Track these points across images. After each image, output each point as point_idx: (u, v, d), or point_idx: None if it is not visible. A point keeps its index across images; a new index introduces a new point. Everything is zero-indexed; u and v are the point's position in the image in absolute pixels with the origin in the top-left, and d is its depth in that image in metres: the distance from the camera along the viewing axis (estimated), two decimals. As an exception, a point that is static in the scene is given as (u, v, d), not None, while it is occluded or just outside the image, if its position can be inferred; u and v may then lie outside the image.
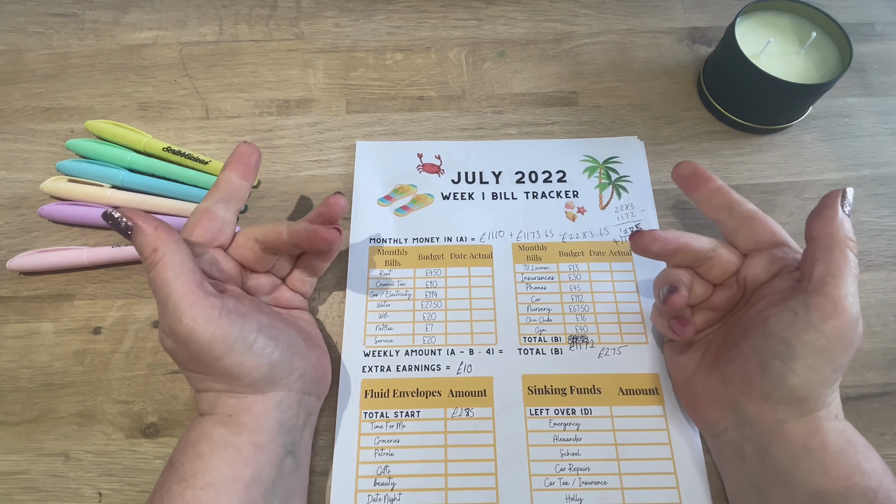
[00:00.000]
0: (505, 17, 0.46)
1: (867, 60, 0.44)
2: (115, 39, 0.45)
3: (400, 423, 0.31)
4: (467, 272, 0.35)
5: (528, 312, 0.34)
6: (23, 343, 0.34)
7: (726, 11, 0.46)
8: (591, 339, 0.33)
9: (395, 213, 0.38)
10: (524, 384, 0.32)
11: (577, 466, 0.30)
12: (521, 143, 0.40)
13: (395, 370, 0.32)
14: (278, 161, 0.39)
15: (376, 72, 0.43)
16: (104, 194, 0.37)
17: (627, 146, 0.40)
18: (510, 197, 0.38)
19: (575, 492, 0.29)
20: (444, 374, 0.32)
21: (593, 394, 0.32)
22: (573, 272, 0.35)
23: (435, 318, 0.34)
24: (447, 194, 0.38)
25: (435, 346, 0.33)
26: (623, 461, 0.30)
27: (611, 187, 0.38)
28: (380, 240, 0.36)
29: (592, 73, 0.43)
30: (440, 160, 0.39)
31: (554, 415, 0.31)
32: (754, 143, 0.40)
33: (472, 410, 0.31)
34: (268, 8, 0.46)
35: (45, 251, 0.35)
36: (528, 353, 0.33)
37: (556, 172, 0.39)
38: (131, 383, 0.33)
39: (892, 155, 0.40)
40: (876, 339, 0.34)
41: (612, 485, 0.29)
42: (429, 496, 0.29)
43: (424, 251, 0.36)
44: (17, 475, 0.31)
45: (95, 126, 0.39)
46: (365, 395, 0.32)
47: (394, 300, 0.34)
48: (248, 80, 0.43)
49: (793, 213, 0.37)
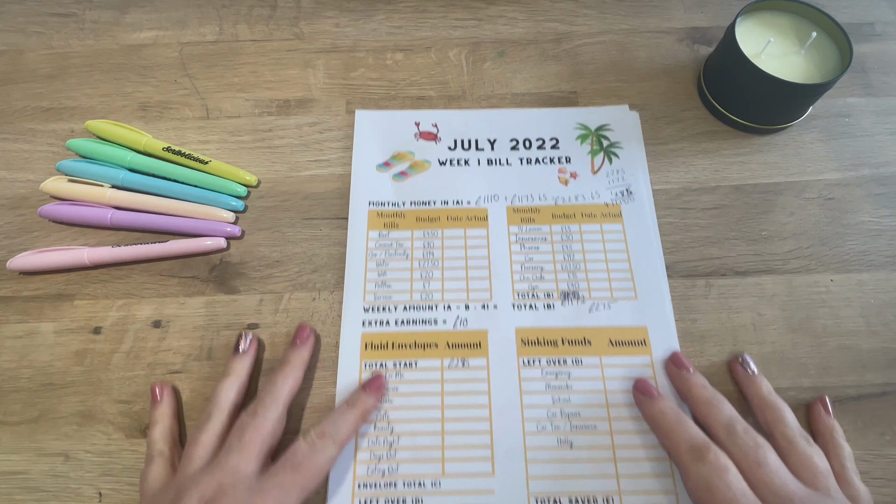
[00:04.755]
0: (505, 17, 0.46)
1: (867, 60, 0.44)
2: (115, 39, 0.45)
3: (399, 373, 0.33)
4: (463, 233, 0.37)
5: (521, 271, 0.36)
6: (23, 343, 0.34)
7: (726, 11, 0.46)
8: (583, 294, 0.35)
9: (394, 178, 0.39)
10: (518, 337, 0.34)
11: (568, 412, 0.31)
12: (515, 112, 0.41)
13: (394, 324, 0.34)
14: (278, 161, 0.39)
15: (376, 72, 0.43)
16: (104, 194, 0.37)
17: (620, 115, 0.41)
18: (505, 163, 0.39)
19: (566, 435, 0.31)
20: (440, 328, 0.34)
21: (584, 345, 0.33)
22: (565, 233, 0.37)
23: (432, 276, 0.35)
24: (444, 160, 0.39)
25: (432, 302, 0.34)
26: (612, 406, 0.32)
27: (602, 153, 0.40)
28: (379, 203, 0.38)
29: (592, 73, 0.43)
30: (437, 128, 0.41)
31: (546, 365, 0.33)
32: (754, 143, 0.40)
33: (468, 361, 0.33)
34: (268, 8, 0.46)
35: (45, 251, 0.35)
36: (522, 308, 0.34)
37: (550, 140, 0.40)
38: (131, 383, 0.33)
39: (892, 155, 0.40)
40: (876, 339, 0.34)
41: (602, 429, 0.31)
42: (426, 440, 0.31)
43: (422, 214, 0.37)
44: (17, 475, 0.31)
45: (95, 126, 0.39)
46: (365, 347, 0.33)
47: (392, 259, 0.36)
48: (248, 80, 0.43)
49: (793, 213, 0.38)
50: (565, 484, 0.30)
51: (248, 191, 0.38)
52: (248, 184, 0.38)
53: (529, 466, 0.30)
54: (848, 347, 0.33)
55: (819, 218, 0.37)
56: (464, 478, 0.30)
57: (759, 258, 0.36)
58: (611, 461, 0.30)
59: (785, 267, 0.36)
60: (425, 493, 0.30)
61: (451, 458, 0.30)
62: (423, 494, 0.30)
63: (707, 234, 0.37)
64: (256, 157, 0.40)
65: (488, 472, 0.30)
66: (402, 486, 0.30)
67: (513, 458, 0.30)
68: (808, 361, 0.33)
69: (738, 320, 0.34)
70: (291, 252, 0.36)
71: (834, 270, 0.36)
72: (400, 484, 0.30)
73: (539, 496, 0.30)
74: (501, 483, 0.30)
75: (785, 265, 0.36)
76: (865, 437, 0.31)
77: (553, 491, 0.30)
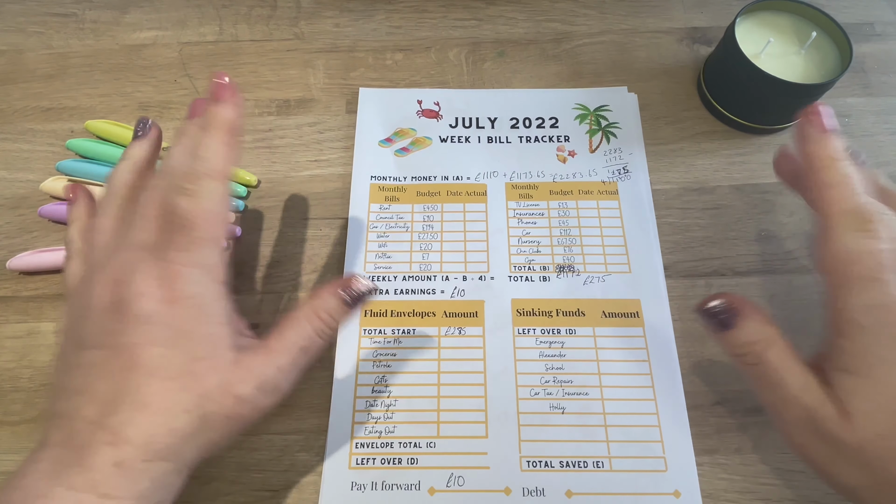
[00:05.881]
0: (505, 17, 0.46)
1: (867, 60, 0.44)
2: (115, 39, 0.45)
3: (397, 339, 0.34)
4: (462, 208, 0.38)
5: (518, 244, 0.36)
6: (23, 343, 0.34)
7: (726, 11, 0.46)
8: (578, 268, 0.36)
9: (395, 153, 0.40)
10: (513, 307, 0.34)
11: (560, 379, 0.32)
12: (516, 92, 0.42)
13: (393, 293, 0.35)
14: (278, 161, 0.39)
15: (376, 72, 0.43)
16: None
17: (619, 96, 0.42)
18: (505, 141, 0.40)
19: (558, 401, 0.32)
20: (438, 298, 0.35)
21: (578, 316, 0.34)
22: (562, 209, 0.38)
23: (431, 248, 0.36)
24: (445, 137, 0.40)
25: (430, 273, 0.36)
26: (604, 375, 0.33)
27: (600, 133, 0.40)
28: (380, 177, 0.38)
29: (592, 73, 0.43)
30: (439, 106, 0.41)
31: (540, 334, 0.34)
32: (754, 143, 0.40)
33: (465, 329, 0.34)
34: (268, 8, 0.46)
35: (45, 251, 0.35)
36: (518, 280, 0.35)
37: (549, 119, 0.41)
38: (131, 383, 0.33)
39: (892, 155, 0.40)
40: (876, 339, 0.34)
41: (594, 395, 0.32)
42: (422, 402, 0.32)
43: (422, 188, 0.38)
44: (17, 475, 0.31)
45: (95, 126, 0.39)
46: (364, 314, 0.34)
47: (392, 231, 0.37)
48: (248, 80, 0.43)
49: (793, 213, 0.38)
50: (556, 447, 0.31)
51: (248, 191, 0.38)
52: (248, 184, 0.38)
53: (522, 430, 0.31)
54: (848, 347, 0.33)
55: (819, 218, 0.37)
56: (458, 440, 0.31)
57: (759, 258, 0.36)
58: (601, 426, 0.31)
59: (785, 267, 0.36)
60: (420, 453, 0.31)
61: (447, 421, 0.31)
62: (418, 454, 0.31)
63: (707, 234, 0.37)
64: (256, 157, 0.40)
65: (482, 434, 0.31)
66: (399, 447, 0.31)
67: (506, 421, 0.31)
68: (808, 361, 0.33)
69: (738, 320, 0.34)
70: (291, 252, 0.36)
71: (834, 270, 0.36)
72: (396, 444, 0.31)
73: (531, 459, 0.30)
74: (494, 445, 0.31)
75: (785, 265, 0.36)
76: (865, 437, 0.31)
77: (544, 454, 0.31)
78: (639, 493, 0.30)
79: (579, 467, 0.30)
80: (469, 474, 0.30)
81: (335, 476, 0.30)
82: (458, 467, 0.30)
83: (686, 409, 0.32)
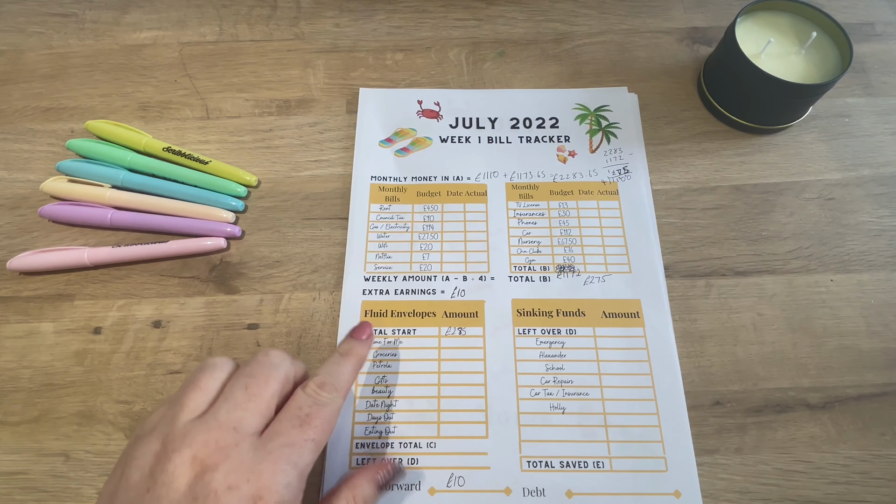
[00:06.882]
0: (505, 17, 0.46)
1: (867, 60, 0.44)
2: (115, 39, 0.45)
3: (397, 339, 0.34)
4: (462, 208, 0.38)
5: (518, 245, 0.36)
6: (23, 343, 0.34)
7: (726, 11, 0.46)
8: (578, 268, 0.36)
9: (396, 153, 0.40)
10: (513, 307, 0.34)
11: (561, 379, 0.32)
12: (516, 93, 0.42)
13: (394, 293, 0.35)
14: (278, 161, 0.39)
15: (376, 72, 0.43)
16: (104, 194, 0.37)
17: (619, 96, 0.42)
18: (505, 141, 0.40)
19: (559, 401, 0.32)
20: (438, 298, 0.35)
21: (578, 316, 0.34)
22: (562, 209, 0.38)
23: (431, 248, 0.36)
24: (445, 138, 0.40)
25: (431, 273, 0.36)
26: (605, 375, 0.33)
27: (601, 133, 0.40)
28: (380, 178, 0.39)
29: (592, 73, 0.43)
30: (439, 106, 0.41)
31: (541, 334, 0.34)
32: (754, 143, 0.40)
33: (465, 329, 0.34)
34: (268, 8, 0.46)
35: (45, 251, 0.35)
36: (518, 280, 0.35)
37: (549, 119, 0.41)
38: (131, 383, 0.33)
39: (892, 155, 0.40)
40: (876, 339, 0.34)
41: (594, 396, 0.32)
42: (422, 402, 0.32)
43: (423, 189, 0.38)
44: (17, 475, 0.31)
45: (95, 126, 0.39)
46: (365, 314, 0.34)
47: (393, 232, 0.37)
48: (248, 80, 0.43)
49: (793, 213, 0.38)
50: (557, 447, 0.31)
51: (248, 191, 0.38)
52: (248, 184, 0.38)
53: (522, 430, 0.31)
54: (848, 347, 0.33)
55: (819, 218, 0.37)
56: (458, 440, 0.31)
57: (759, 258, 0.36)
58: (602, 427, 0.31)
59: (785, 267, 0.36)
60: (420, 454, 0.31)
61: (447, 421, 0.31)
62: (418, 454, 0.31)
63: (707, 234, 0.37)
64: (256, 158, 0.40)
65: (482, 434, 0.31)
66: (399, 447, 0.31)
67: (506, 421, 0.31)
68: (808, 361, 0.33)
69: (738, 320, 0.34)
70: (291, 252, 0.36)
71: (834, 271, 0.36)
72: (397, 444, 0.31)
73: (531, 459, 0.30)
74: (495, 445, 0.31)
75: (785, 265, 0.36)
76: (865, 437, 0.31)
77: (545, 454, 0.31)
78: (639, 493, 0.30)
79: (579, 467, 0.30)
80: (469, 474, 0.30)
81: (336, 476, 0.30)
82: (458, 467, 0.30)
83: (686, 409, 0.32)
